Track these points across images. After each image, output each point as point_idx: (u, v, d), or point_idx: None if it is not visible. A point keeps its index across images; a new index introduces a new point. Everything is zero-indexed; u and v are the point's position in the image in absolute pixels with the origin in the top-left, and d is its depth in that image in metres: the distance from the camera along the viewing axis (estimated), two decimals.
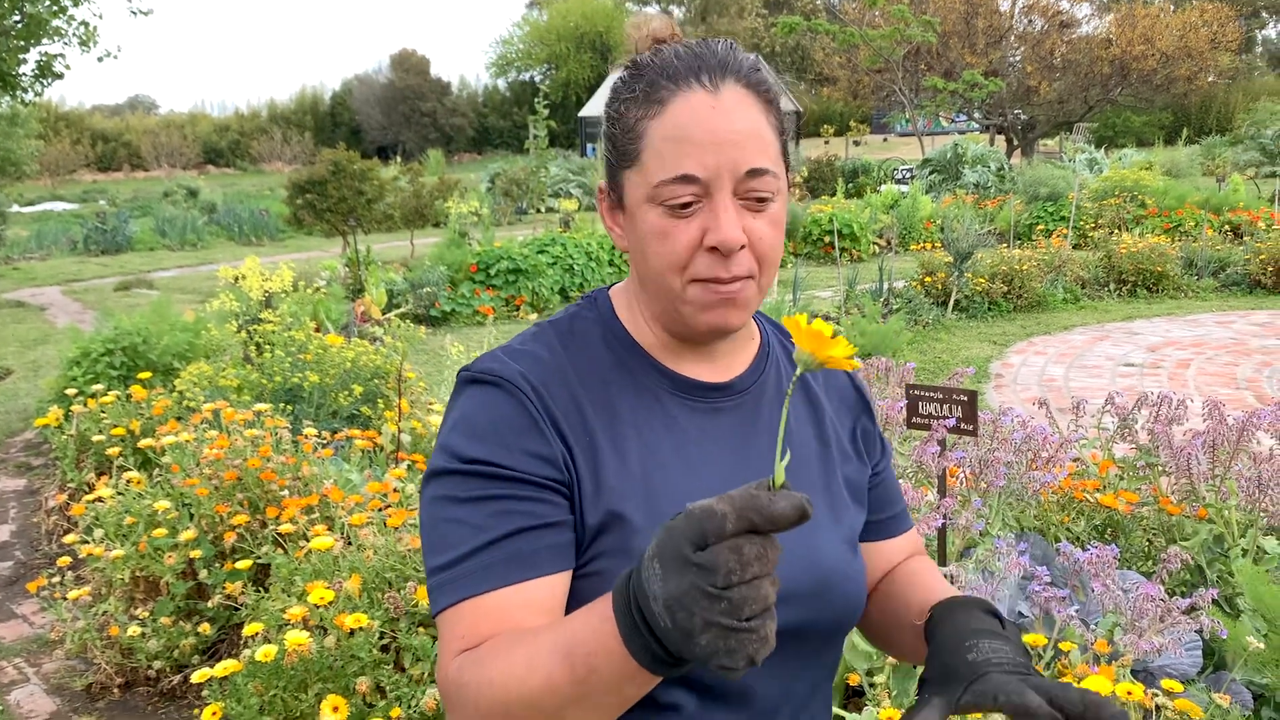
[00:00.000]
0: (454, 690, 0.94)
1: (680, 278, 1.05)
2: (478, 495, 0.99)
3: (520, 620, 0.95)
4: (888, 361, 3.41)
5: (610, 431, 1.07)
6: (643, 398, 1.11)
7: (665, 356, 1.14)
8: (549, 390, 1.06)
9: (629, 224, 1.09)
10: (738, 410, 1.15)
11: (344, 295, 9.72)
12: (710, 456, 1.10)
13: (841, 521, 1.18)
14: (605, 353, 1.13)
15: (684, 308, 1.07)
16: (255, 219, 21.88)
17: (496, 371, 1.06)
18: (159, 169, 48.11)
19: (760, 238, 1.04)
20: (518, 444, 1.01)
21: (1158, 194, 16.62)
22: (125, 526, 3.98)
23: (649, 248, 1.06)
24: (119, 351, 6.19)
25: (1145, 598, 2.34)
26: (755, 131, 1.03)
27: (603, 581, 1.00)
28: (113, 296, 13.35)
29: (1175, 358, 8.94)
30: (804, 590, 1.08)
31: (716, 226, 1.01)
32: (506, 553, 0.97)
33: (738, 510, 0.70)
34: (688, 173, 1.01)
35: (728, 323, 1.07)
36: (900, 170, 24.83)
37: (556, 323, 1.16)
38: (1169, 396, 3.51)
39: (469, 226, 12.32)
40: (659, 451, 1.08)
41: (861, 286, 11.18)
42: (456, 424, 1.05)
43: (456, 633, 0.96)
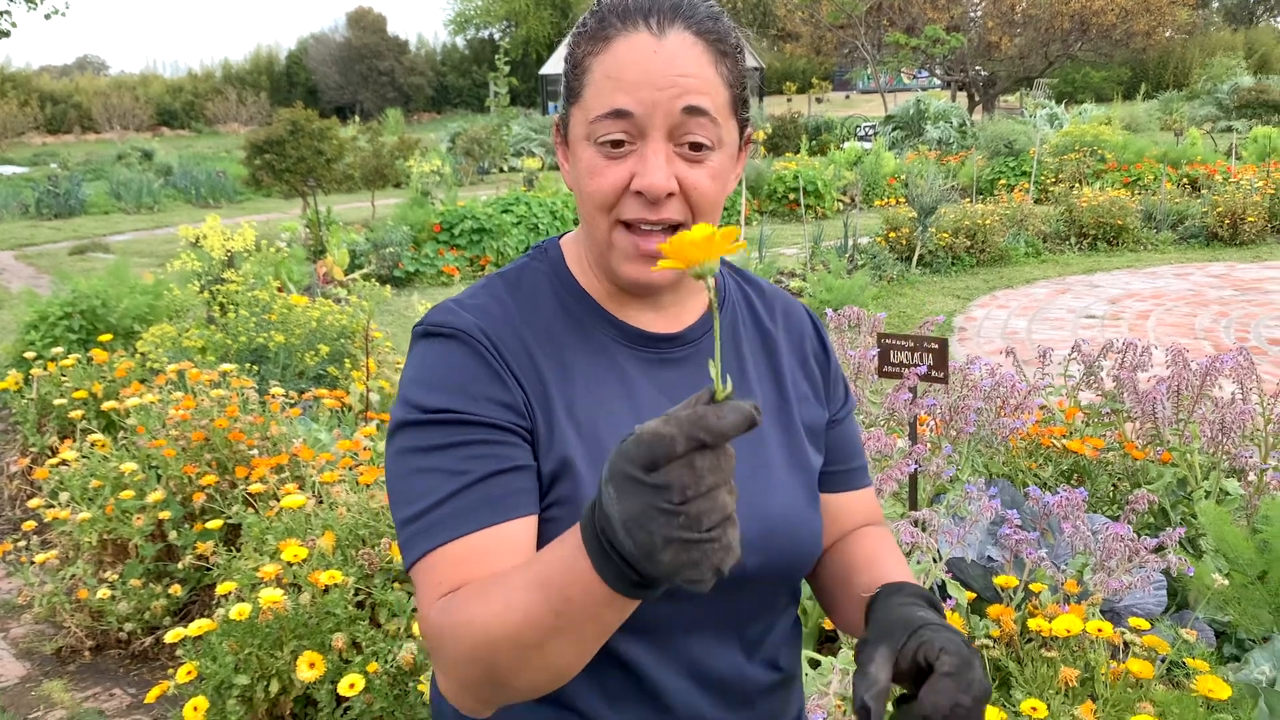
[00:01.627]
0: (435, 634, 0.92)
1: (607, 219, 1.04)
2: (445, 443, 0.98)
3: (497, 563, 0.94)
4: (859, 311, 3.43)
5: (560, 382, 1.06)
6: (592, 348, 1.10)
7: (614, 306, 1.13)
8: (502, 340, 1.05)
9: (572, 162, 1.08)
10: (689, 361, 1.14)
11: (305, 257, 9.59)
12: (660, 408, 1.08)
13: (799, 468, 1.17)
14: (554, 303, 1.11)
15: (609, 253, 1.06)
16: (213, 181, 21.47)
17: (451, 323, 1.05)
18: (111, 131, 47.05)
19: (695, 186, 1.02)
20: (479, 392, 1.00)
21: (1117, 148, 16.77)
22: (91, 490, 3.93)
23: (583, 186, 1.05)
24: (77, 315, 6.08)
25: (1114, 537, 2.38)
26: (698, 77, 1.01)
27: (557, 528, 0.99)
28: (68, 261, 13.09)
29: (1135, 309, 9.06)
30: (755, 536, 1.07)
31: (644, 170, 1.00)
32: (480, 496, 0.96)
33: (685, 431, 0.69)
34: (619, 107, 0.99)
35: (651, 278, 1.05)
36: (863, 127, 24.84)
37: (506, 274, 1.15)
38: (1134, 343, 3.55)
39: (431, 186, 12.18)
40: (607, 402, 1.07)
41: (826, 243, 11.20)
42: (415, 377, 1.04)
43: (434, 579, 0.95)
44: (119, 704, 3.50)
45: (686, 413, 0.70)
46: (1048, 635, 2.33)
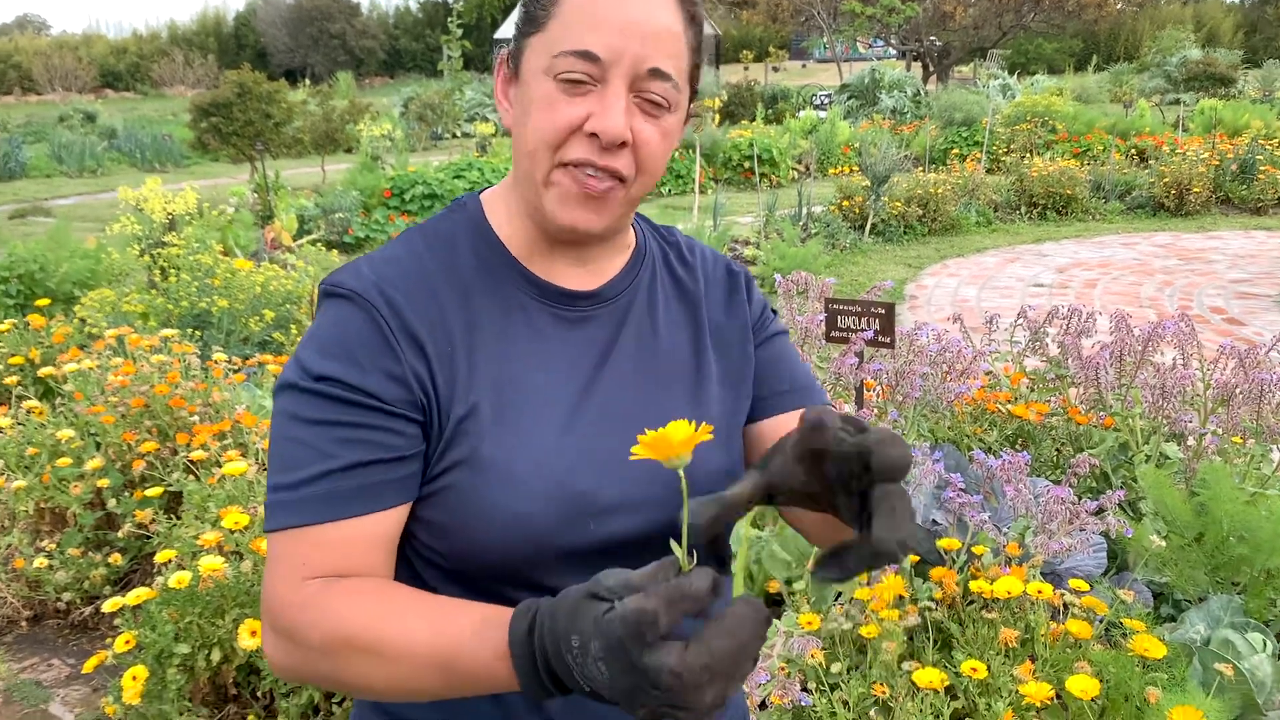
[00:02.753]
0: (289, 621, 0.93)
1: (550, 157, 1.00)
2: (323, 419, 0.97)
3: (359, 554, 0.96)
4: (807, 276, 3.42)
5: (468, 337, 1.03)
6: (506, 305, 1.07)
7: (534, 261, 1.10)
8: (409, 298, 1.02)
9: (519, 95, 1.04)
10: (606, 318, 1.12)
11: (253, 222, 9.42)
12: (573, 364, 1.07)
13: (712, 418, 1.14)
14: (470, 257, 1.08)
15: (546, 194, 1.02)
16: (159, 144, 20.98)
17: (348, 285, 1.02)
18: (53, 93, 45.83)
19: (647, 141, 1.00)
20: (370, 362, 0.98)
21: (1068, 119, 16.93)
22: (27, 457, 3.84)
23: (531, 118, 1.01)
24: (14, 279, 5.92)
25: (1055, 500, 2.40)
26: (669, 33, 0.99)
27: (454, 495, 0.99)
28: (7, 225, 12.75)
29: (1082, 278, 9.18)
30: (662, 495, 1.06)
31: (602, 113, 0.97)
32: (351, 484, 0.96)
33: (666, 603, 0.71)
34: (589, 49, 0.97)
35: (585, 223, 1.03)
36: (819, 96, 24.85)
37: (424, 227, 1.12)
38: (1079, 310, 3.59)
39: (382, 151, 12.00)
40: (519, 357, 1.05)
41: (781, 212, 11.20)
42: (310, 338, 1.01)
43: (295, 559, 0.95)
44: (57, 674, 3.44)
45: (664, 585, 0.72)
46: (989, 597, 2.35)
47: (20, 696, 3.32)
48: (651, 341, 1.13)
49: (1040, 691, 2.06)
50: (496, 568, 1.00)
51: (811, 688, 2.30)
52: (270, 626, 0.95)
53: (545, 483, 1.00)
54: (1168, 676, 2.26)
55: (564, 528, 1.00)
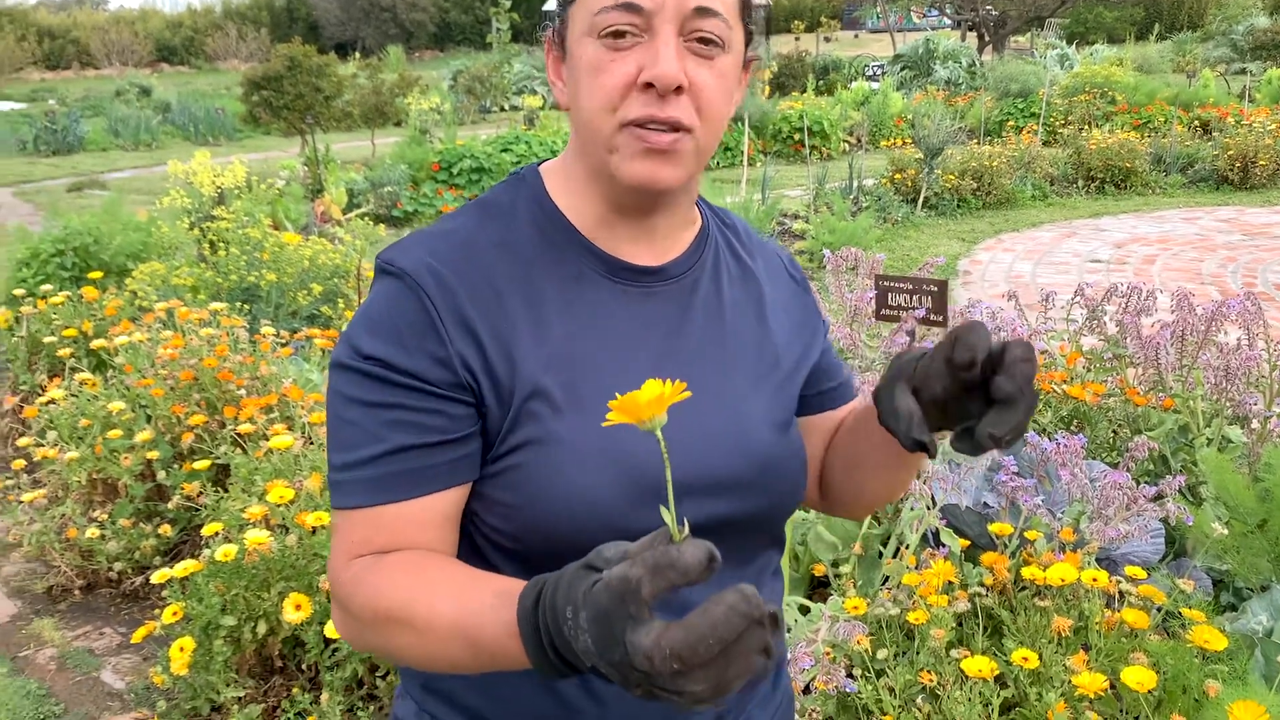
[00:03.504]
0: (345, 596, 0.97)
1: (611, 120, 0.97)
2: (371, 400, 0.96)
3: (411, 534, 0.97)
4: (857, 252, 3.34)
5: (530, 312, 1.01)
6: (569, 279, 1.04)
7: (599, 235, 1.06)
8: (462, 275, 0.99)
9: (569, 70, 1.01)
10: (673, 295, 1.09)
11: (303, 195, 9.48)
12: (640, 341, 1.05)
13: (780, 405, 1.13)
14: (531, 231, 1.05)
15: (612, 157, 0.99)
16: (211, 118, 21.24)
17: (397, 262, 1.00)
18: (110, 67, 46.50)
19: (704, 85, 0.96)
20: (416, 344, 0.97)
21: (1128, 90, 16.50)
22: (80, 429, 3.90)
23: (582, 86, 0.98)
24: (69, 252, 6.01)
25: (1112, 485, 2.33)
26: None
27: (520, 475, 0.98)
28: (65, 198, 12.97)
29: (1141, 254, 8.95)
30: (737, 478, 1.04)
31: (654, 61, 0.94)
32: (398, 467, 0.96)
33: (652, 571, 0.68)
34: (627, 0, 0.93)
35: (658, 178, 0.98)
36: (871, 67, 24.47)
37: (482, 200, 1.09)
38: (1138, 287, 3.48)
39: (430, 124, 12.00)
40: (584, 333, 1.02)
41: (831, 184, 11.05)
42: (361, 315, 1.01)
43: (350, 537, 0.98)
44: (109, 643, 3.50)
45: (649, 553, 0.69)
46: (1042, 584, 2.29)
47: (73, 664, 3.37)
48: (718, 321, 1.11)
49: (1094, 682, 2.00)
50: (565, 551, 0.96)
51: (857, 674, 2.25)
52: (333, 598, 0.99)
53: (614, 462, 0.98)
54: (1228, 669, 2.18)
55: (632, 508, 0.97)
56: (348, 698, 3.03)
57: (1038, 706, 2.11)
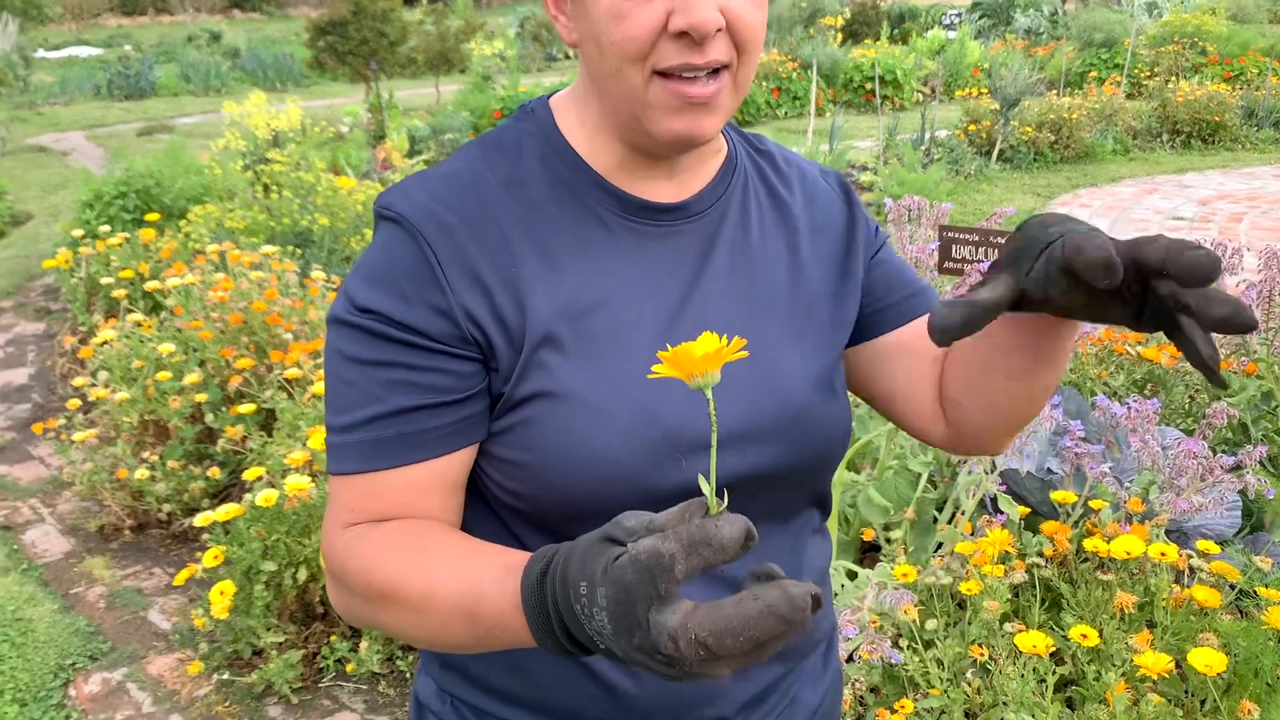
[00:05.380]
0: (338, 567, 0.91)
1: (641, 70, 0.86)
2: (368, 359, 0.89)
3: (409, 501, 0.91)
4: (920, 200, 3.17)
5: (541, 255, 0.92)
6: (583, 220, 0.95)
7: (615, 173, 0.97)
8: (465, 218, 0.91)
9: (577, 9, 0.90)
10: (695, 233, 0.99)
11: (366, 142, 9.46)
12: (659, 284, 0.95)
13: (816, 348, 1.02)
14: (540, 169, 0.96)
15: (646, 112, 0.88)
16: (280, 64, 21.34)
17: (395, 207, 0.92)
18: (184, 13, 47.00)
19: (740, 16, 0.85)
20: (415, 294, 0.89)
21: (1220, 40, 15.74)
22: (133, 370, 3.91)
23: (603, 35, 0.86)
24: (132, 194, 6.04)
25: (1187, 454, 2.17)
26: None
27: (531, 431, 0.90)
28: (135, 142, 13.14)
29: (1227, 211, 8.56)
30: (769, 428, 0.95)
31: (685, 6, 0.82)
32: (397, 430, 0.90)
33: (686, 548, 0.61)
34: None
35: (699, 131, 0.89)
36: (948, 14, 23.73)
37: (486, 138, 1.00)
38: (1223, 244, 3.26)
39: (493, 70, 11.89)
40: (598, 277, 0.93)
41: (902, 136, 10.73)
42: (359, 264, 0.94)
43: (345, 504, 0.92)
44: (158, 583, 3.52)
45: (684, 527, 0.62)
46: (1105, 556, 2.16)
47: (122, 603, 3.40)
48: (746, 258, 1.00)
49: (1158, 663, 1.86)
50: (581, 512, 0.90)
51: (903, 645, 2.15)
52: (326, 570, 0.94)
53: (631, 415, 0.89)
54: None
55: (653, 466, 0.89)
56: (386, 647, 3.01)
57: (1096, 686, 1.99)
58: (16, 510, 4.01)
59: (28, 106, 17.79)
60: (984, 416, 1.01)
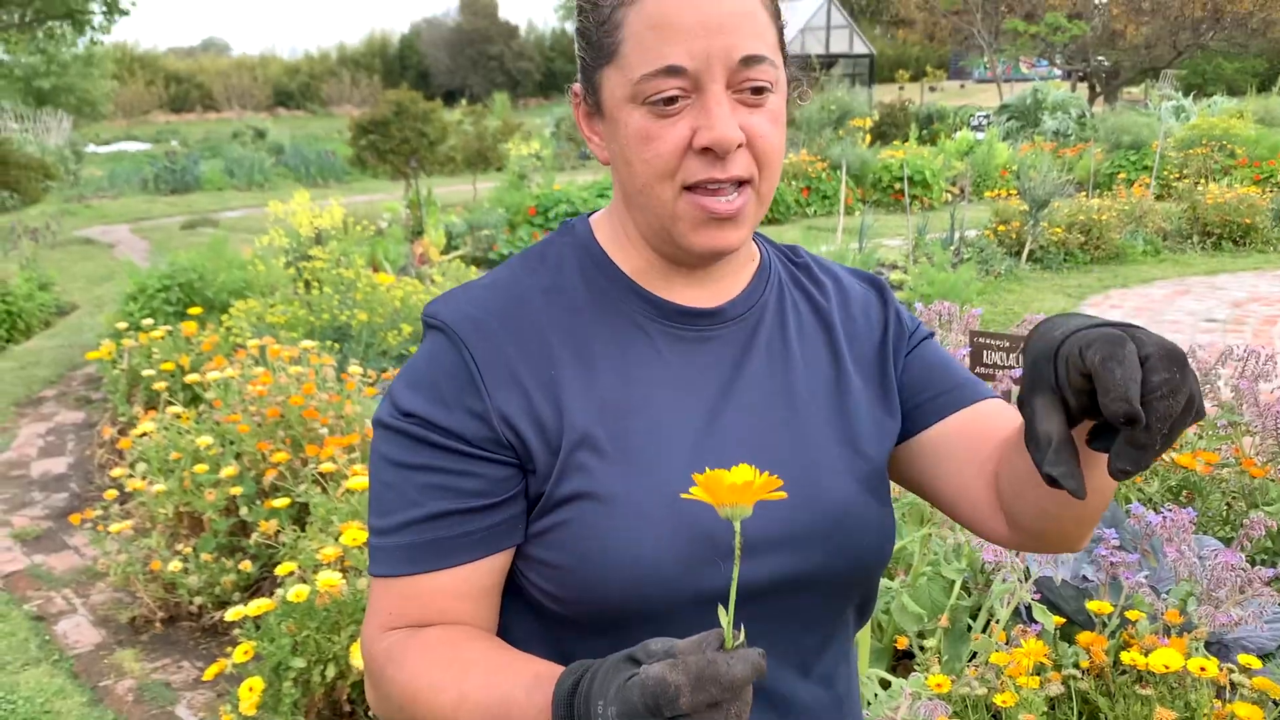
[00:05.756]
0: (377, 668, 0.93)
1: (670, 187, 0.92)
2: (409, 462, 0.93)
3: (444, 606, 0.93)
4: (951, 306, 3.20)
5: (579, 359, 0.96)
6: (621, 326, 0.99)
7: (651, 281, 1.01)
8: (506, 325, 0.96)
9: (609, 131, 0.96)
10: (731, 337, 1.02)
11: (404, 237, 9.66)
12: (696, 388, 0.98)
13: (857, 454, 1.02)
14: (579, 280, 1.01)
15: (676, 225, 0.94)
16: (322, 160, 21.98)
17: (440, 315, 0.97)
18: (230, 110, 48.66)
19: (760, 134, 0.91)
20: (455, 399, 0.93)
21: (1249, 143, 15.85)
22: (170, 462, 3.96)
23: (633, 155, 0.93)
24: (175, 288, 6.20)
25: (1225, 566, 2.15)
26: (749, 14, 0.90)
27: (568, 533, 0.92)
28: (179, 235, 13.50)
29: (1261, 314, 8.52)
30: (807, 533, 0.96)
31: (709, 124, 0.88)
32: (433, 535, 0.93)
33: (693, 682, 0.63)
34: (673, 64, 0.88)
35: (724, 243, 0.94)
36: (976, 116, 24.11)
37: (528, 251, 1.06)
38: (1256, 351, 3.26)
39: (529, 169, 12.17)
40: (635, 380, 0.97)
41: (932, 235, 10.83)
42: (404, 370, 0.99)
43: (382, 605, 0.95)
44: (186, 677, 3.52)
45: (695, 658, 0.64)
46: (1143, 669, 2.12)
47: (150, 697, 3.40)
48: (784, 361, 1.03)
49: None
50: (618, 613, 0.92)
51: None
52: (365, 671, 0.96)
53: (669, 517, 0.91)
54: None
55: (690, 569, 0.91)
56: None
57: None
58: (50, 600, 4.04)
59: (77, 199, 18.35)
60: (1040, 522, 0.96)
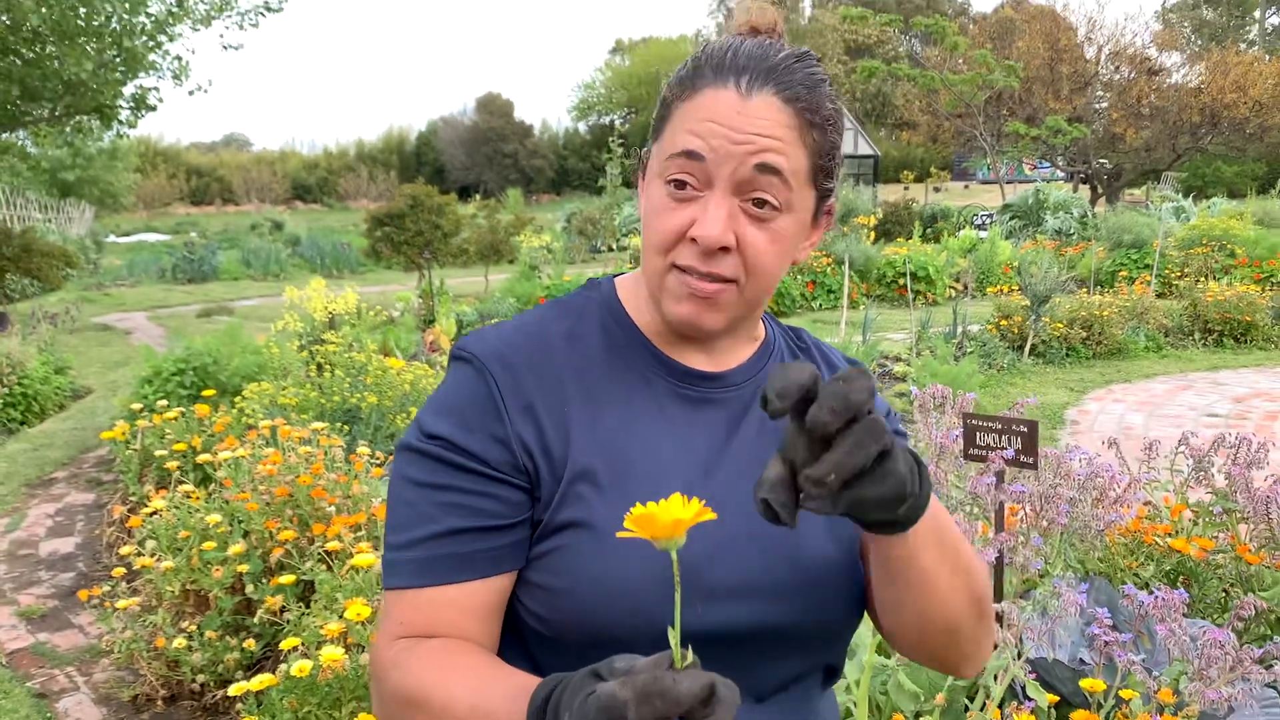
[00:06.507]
0: (382, 672, 0.98)
1: (664, 260, 1.04)
2: (430, 481, 1.01)
3: (451, 619, 0.99)
4: (945, 389, 3.28)
5: (589, 400, 1.05)
6: (631, 377, 1.09)
7: (662, 342, 1.12)
8: (529, 361, 1.05)
9: (647, 191, 1.08)
10: (729, 402, 1.12)
11: (416, 326, 9.82)
12: (692, 443, 1.07)
13: (838, 520, 1.08)
14: (599, 332, 1.12)
15: (661, 294, 1.06)
16: (337, 251, 22.37)
17: (470, 348, 1.07)
18: (249, 203, 49.65)
19: (753, 244, 1.01)
20: (478, 423, 1.02)
21: (1248, 243, 16.08)
22: (179, 540, 4.01)
23: (649, 222, 1.06)
24: (190, 371, 6.31)
25: (1213, 644, 2.18)
26: (774, 139, 0.99)
27: (563, 558, 1.00)
28: (194, 323, 13.70)
29: (1263, 409, 8.57)
30: (786, 587, 1.03)
31: (703, 220, 0.99)
32: (446, 550, 0.99)
33: (639, 696, 0.67)
34: (690, 148, 0.99)
35: (700, 321, 1.04)
36: (979, 216, 24.48)
37: (557, 300, 1.17)
38: (1248, 438, 3.32)
39: (540, 261, 12.41)
40: (637, 425, 1.06)
41: (935, 329, 10.96)
42: (431, 399, 1.08)
43: (395, 615, 1.00)
44: None
45: (644, 676, 0.68)
46: None
47: None
48: (776, 430, 1.11)
49: None
50: (601, 643, 0.97)
51: None
52: (370, 676, 1.02)
53: (654, 554, 0.95)
54: None
55: (669, 605, 0.94)
56: None
57: None
58: (53, 678, 4.05)
59: (96, 287, 18.66)
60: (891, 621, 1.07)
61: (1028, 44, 33.49)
